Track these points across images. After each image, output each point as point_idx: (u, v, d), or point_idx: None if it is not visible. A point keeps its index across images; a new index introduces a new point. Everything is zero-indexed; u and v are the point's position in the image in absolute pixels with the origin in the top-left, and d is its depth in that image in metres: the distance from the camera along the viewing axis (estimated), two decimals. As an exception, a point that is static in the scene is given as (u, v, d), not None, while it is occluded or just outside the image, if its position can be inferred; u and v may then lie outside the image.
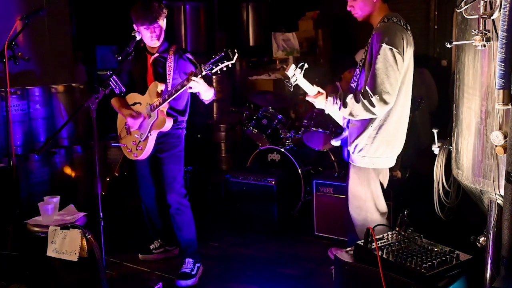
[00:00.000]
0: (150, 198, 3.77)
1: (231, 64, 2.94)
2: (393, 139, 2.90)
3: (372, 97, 2.71)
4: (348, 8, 2.92)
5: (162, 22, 3.38)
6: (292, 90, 2.95)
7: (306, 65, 2.87)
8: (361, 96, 2.76)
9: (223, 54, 2.93)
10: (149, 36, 3.35)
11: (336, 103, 2.87)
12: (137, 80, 3.57)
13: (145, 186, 3.74)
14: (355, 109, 2.79)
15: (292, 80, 2.87)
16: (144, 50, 3.52)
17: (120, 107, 3.54)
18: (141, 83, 3.52)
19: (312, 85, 2.94)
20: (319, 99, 2.92)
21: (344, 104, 2.83)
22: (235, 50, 2.93)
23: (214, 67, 2.96)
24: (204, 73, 3.01)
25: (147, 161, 3.61)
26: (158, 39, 3.39)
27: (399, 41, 2.71)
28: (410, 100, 2.94)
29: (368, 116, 2.81)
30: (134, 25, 3.35)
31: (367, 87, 2.74)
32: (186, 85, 3.12)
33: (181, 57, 3.42)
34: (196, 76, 3.04)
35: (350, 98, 2.80)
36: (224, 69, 2.96)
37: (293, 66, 2.86)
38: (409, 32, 2.83)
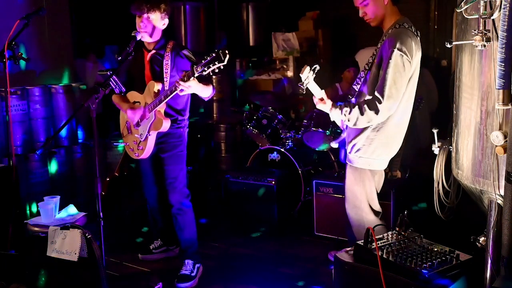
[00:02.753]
0: (152, 196, 3.77)
1: (223, 65, 2.89)
2: (390, 141, 2.91)
3: (381, 102, 2.71)
4: (361, 15, 2.91)
5: (155, 17, 3.29)
6: (304, 92, 2.93)
7: (318, 67, 2.86)
8: (366, 107, 2.76)
9: (214, 55, 2.87)
10: (138, 27, 3.31)
11: (341, 116, 2.90)
12: (136, 78, 3.54)
13: (148, 185, 3.74)
14: (359, 121, 2.83)
15: (305, 83, 2.86)
16: (141, 47, 3.46)
17: (119, 102, 3.53)
18: (139, 81, 3.50)
19: (321, 89, 2.94)
20: (322, 106, 2.94)
21: (349, 118, 2.85)
22: (227, 51, 2.86)
23: (206, 69, 2.91)
24: (196, 74, 2.97)
25: (150, 160, 3.61)
26: (148, 34, 3.32)
27: (409, 47, 2.73)
28: (412, 105, 2.94)
29: (366, 125, 2.85)
30: None
31: (376, 92, 2.75)
32: (178, 87, 3.09)
33: (178, 54, 3.37)
34: (189, 78, 3.00)
35: (355, 112, 2.81)
36: (216, 70, 2.92)
37: (307, 68, 2.83)
38: (418, 37, 2.84)
